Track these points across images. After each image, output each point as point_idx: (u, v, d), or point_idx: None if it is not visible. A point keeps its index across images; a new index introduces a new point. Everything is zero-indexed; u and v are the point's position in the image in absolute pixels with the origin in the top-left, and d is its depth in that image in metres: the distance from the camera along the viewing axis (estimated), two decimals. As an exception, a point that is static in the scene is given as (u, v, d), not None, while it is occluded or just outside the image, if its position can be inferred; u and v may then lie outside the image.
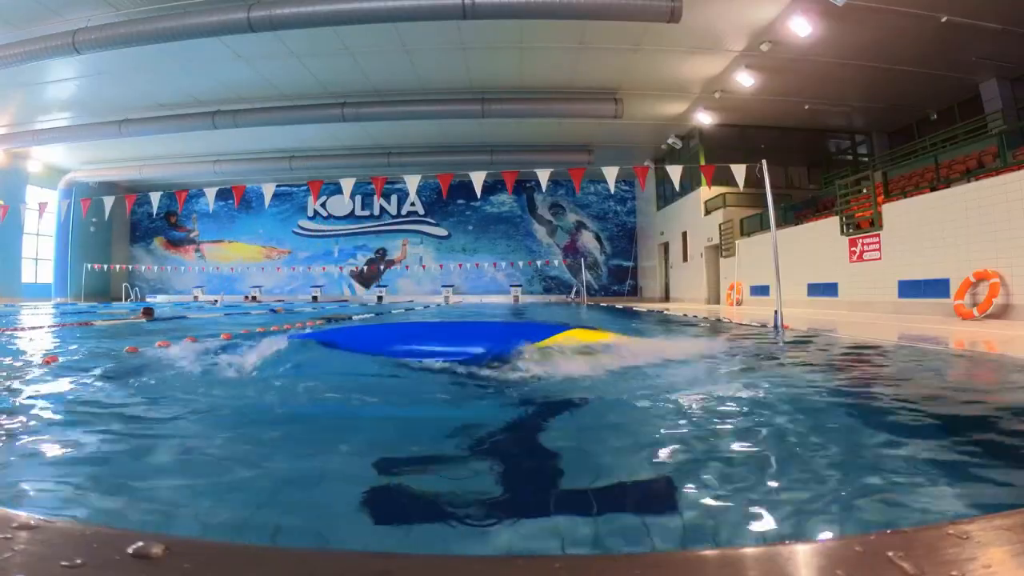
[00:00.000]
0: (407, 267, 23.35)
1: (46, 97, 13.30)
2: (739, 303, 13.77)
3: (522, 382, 2.31)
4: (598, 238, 23.39)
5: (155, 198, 8.82)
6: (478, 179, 7.99)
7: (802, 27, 9.89)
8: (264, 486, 1.20)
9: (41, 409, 1.93)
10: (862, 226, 9.95)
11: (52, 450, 1.49)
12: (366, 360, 2.63)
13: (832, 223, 10.78)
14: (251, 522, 0.99)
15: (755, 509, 1.03)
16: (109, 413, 1.88)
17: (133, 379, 2.50)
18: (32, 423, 1.75)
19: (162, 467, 1.35)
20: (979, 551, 0.60)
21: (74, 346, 4.33)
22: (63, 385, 2.44)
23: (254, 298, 21.91)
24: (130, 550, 0.59)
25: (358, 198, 23.30)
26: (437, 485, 1.22)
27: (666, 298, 19.64)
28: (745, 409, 1.89)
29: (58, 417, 1.84)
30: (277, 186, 14.01)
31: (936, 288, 8.19)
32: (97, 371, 2.77)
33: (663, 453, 1.42)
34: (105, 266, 20.89)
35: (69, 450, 1.48)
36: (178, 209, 23.37)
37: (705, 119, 14.95)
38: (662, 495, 1.15)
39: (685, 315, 8.56)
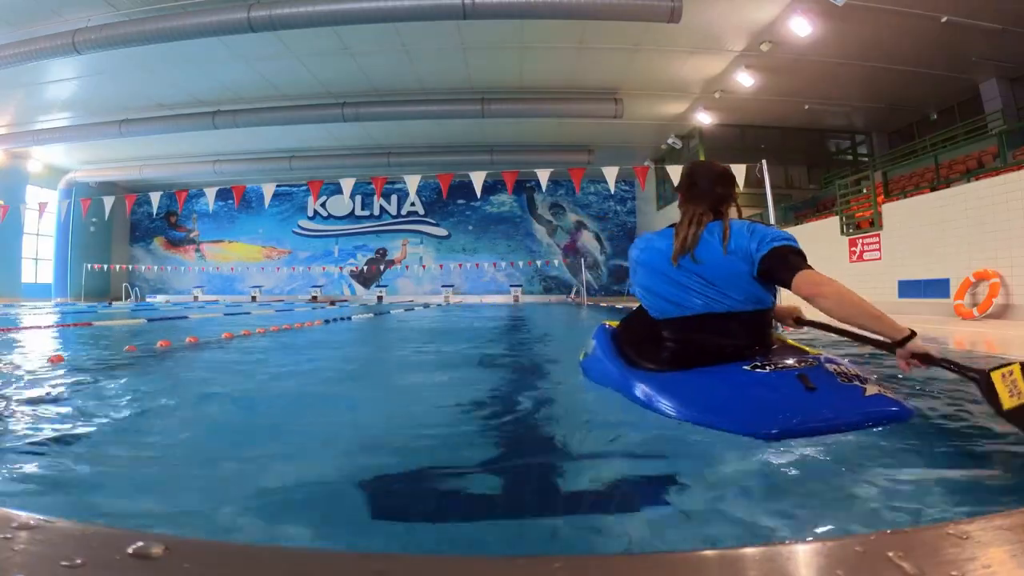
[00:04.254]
0: (407, 267, 23.34)
1: (46, 97, 13.31)
2: (739, 303, 13.75)
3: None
4: (598, 238, 23.40)
5: (155, 198, 8.87)
6: (478, 179, 8.03)
7: (802, 27, 9.90)
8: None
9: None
10: (862, 226, 9.95)
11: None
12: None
13: (832, 223, 10.77)
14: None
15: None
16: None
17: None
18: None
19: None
20: (979, 551, 0.60)
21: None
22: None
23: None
24: (130, 550, 0.60)
25: (358, 198, 23.27)
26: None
27: (666, 298, 19.61)
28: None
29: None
30: (277, 186, 14.03)
31: (936, 288, 8.19)
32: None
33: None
34: (105, 266, 20.89)
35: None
36: (178, 209, 23.35)
37: (705, 119, 14.95)
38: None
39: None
